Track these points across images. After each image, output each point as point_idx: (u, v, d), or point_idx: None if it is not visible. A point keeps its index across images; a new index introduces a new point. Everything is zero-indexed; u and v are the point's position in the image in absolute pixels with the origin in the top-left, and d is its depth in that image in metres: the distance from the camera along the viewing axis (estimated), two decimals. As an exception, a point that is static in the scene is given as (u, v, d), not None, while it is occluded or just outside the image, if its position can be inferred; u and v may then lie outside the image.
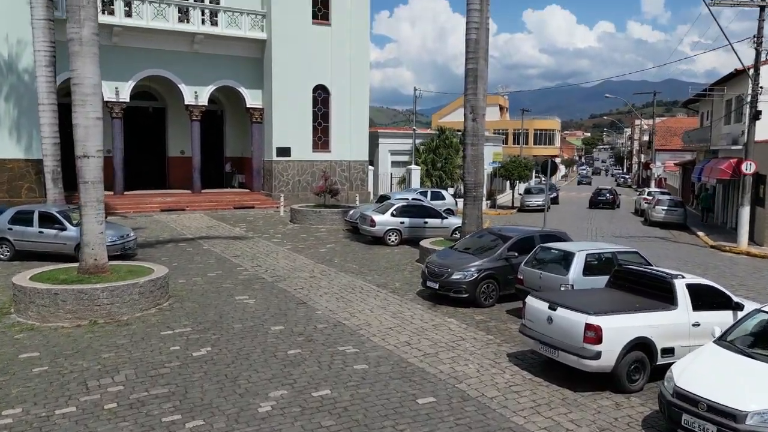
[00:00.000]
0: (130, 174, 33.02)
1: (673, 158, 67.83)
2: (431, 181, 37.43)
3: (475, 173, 17.85)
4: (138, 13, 29.04)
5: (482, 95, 17.70)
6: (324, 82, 33.29)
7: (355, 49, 33.72)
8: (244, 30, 31.65)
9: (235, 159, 36.53)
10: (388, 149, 39.97)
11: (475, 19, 17.41)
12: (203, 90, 31.65)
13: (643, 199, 37.70)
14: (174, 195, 31.60)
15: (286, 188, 32.67)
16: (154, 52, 30.11)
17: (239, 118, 35.52)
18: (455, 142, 39.19)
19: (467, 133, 17.87)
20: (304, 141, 33.00)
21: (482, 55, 17.54)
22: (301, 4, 32.03)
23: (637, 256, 12.62)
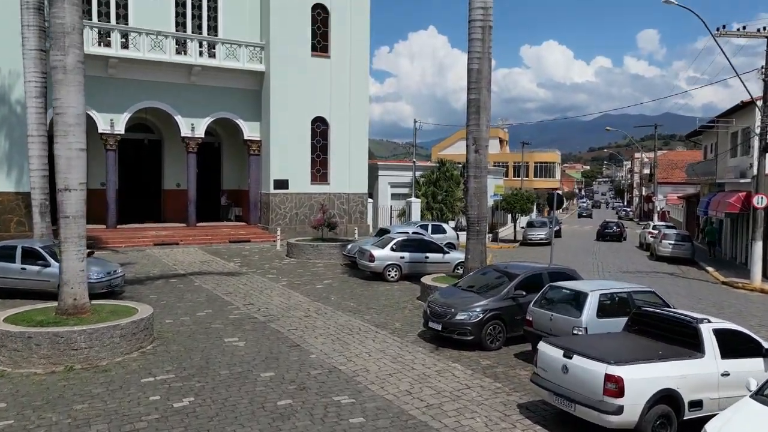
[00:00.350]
0: (125, 207, 32.39)
1: (675, 191, 67.38)
2: (432, 214, 36.73)
3: (478, 206, 17.12)
4: (135, 45, 28.70)
5: (485, 126, 17.08)
6: (323, 114, 32.84)
7: (355, 81, 33.37)
8: (243, 62, 31.31)
9: (232, 192, 35.89)
10: (387, 182, 39.38)
11: (477, 49, 16.90)
12: (200, 122, 31.16)
13: (648, 233, 36.92)
14: (168, 228, 30.85)
15: (283, 221, 31.95)
16: (151, 84, 29.70)
17: (236, 150, 35.02)
18: (456, 175, 38.64)
19: (470, 165, 17.20)
20: (302, 173, 32.40)
21: (485, 85, 16.98)
22: (300, 36, 31.77)
23: (654, 295, 11.81)
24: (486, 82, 17.02)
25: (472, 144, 17.08)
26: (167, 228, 31.04)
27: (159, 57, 29.20)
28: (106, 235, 28.06)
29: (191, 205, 31.44)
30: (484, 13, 16.87)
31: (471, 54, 17.01)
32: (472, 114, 17.06)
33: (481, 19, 16.86)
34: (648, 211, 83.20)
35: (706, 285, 23.38)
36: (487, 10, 16.90)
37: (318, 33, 32.58)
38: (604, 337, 9.61)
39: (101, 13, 29.34)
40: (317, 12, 32.41)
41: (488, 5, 16.91)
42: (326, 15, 32.65)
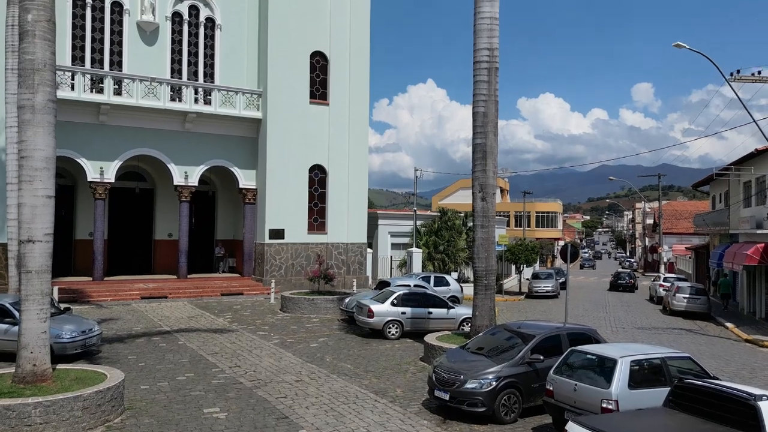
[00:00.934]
0: (113, 258, 31.14)
1: (681, 242, 66.19)
2: (433, 264, 35.37)
3: (486, 258, 15.83)
4: (128, 92, 27.93)
5: (492, 173, 15.96)
6: (321, 162, 31.88)
7: (354, 129, 32.56)
8: (239, 109, 30.53)
9: (227, 242, 34.61)
10: (387, 231, 38.18)
11: (483, 91, 15.94)
12: (194, 170, 30.15)
13: (659, 286, 35.45)
14: (157, 281, 29.43)
15: (278, 273, 30.56)
16: (143, 131, 28.81)
17: (231, 199, 33.94)
18: (458, 224, 37.46)
19: (476, 214, 16.00)
20: (298, 222, 31.20)
21: (491, 129, 15.95)
22: (298, 83, 31.11)
23: (691, 362, 10.42)
24: (492, 125, 16.00)
25: (479, 191, 15.93)
26: (156, 280, 29.63)
27: (153, 104, 28.41)
28: (91, 288, 26.64)
29: (182, 257, 30.11)
30: (489, 54, 15.99)
31: (476, 97, 16.05)
32: (478, 159, 15.97)
33: (486, 60, 15.97)
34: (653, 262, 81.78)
35: (728, 343, 21.84)
36: (493, 51, 16.03)
37: (317, 80, 31.94)
38: (645, 416, 8.18)
39: (95, 60, 28.71)
40: (316, 59, 31.85)
41: (494, 46, 16.04)
42: (325, 63, 32.08)
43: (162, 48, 29.98)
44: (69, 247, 30.28)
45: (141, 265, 32.21)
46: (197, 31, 31.04)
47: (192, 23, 30.90)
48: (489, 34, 15.97)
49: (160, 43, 29.91)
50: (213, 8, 31.12)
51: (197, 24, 31.00)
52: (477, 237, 15.96)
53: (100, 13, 28.76)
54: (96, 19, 28.72)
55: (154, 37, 29.78)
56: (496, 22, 16.13)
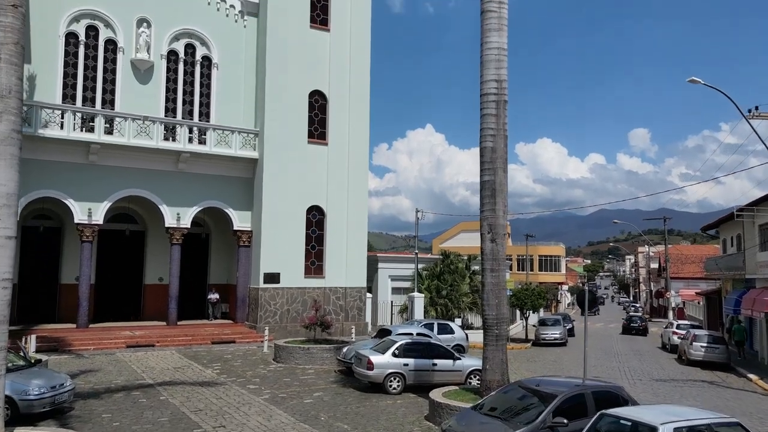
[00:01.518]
0: (101, 304, 29.74)
1: (688, 286, 64.70)
2: (436, 310, 33.87)
3: (496, 305, 14.49)
4: (119, 131, 26.99)
5: (502, 212, 14.77)
6: (319, 203, 30.76)
7: (354, 169, 31.54)
8: (235, 149, 29.57)
9: (220, 286, 33.11)
10: (388, 275, 36.83)
11: (491, 125, 14.89)
12: (186, 211, 28.99)
13: (673, 333, 33.85)
14: (145, 328, 27.91)
15: (273, 319, 29.05)
16: (135, 171, 27.77)
17: (225, 241, 32.68)
18: (461, 268, 36.13)
19: (485, 256, 14.74)
20: (295, 266, 29.86)
21: (500, 165, 14.83)
22: (296, 122, 30.24)
23: (741, 429, 9.01)
24: (502, 161, 14.89)
25: (488, 232, 14.70)
26: (144, 327, 28.11)
27: (145, 143, 27.44)
28: (74, 336, 25.13)
29: (172, 302, 28.68)
30: (497, 86, 15.00)
31: (484, 131, 14.98)
32: (487, 198, 14.80)
33: (494, 92, 14.97)
34: (659, 307, 79.99)
35: (755, 397, 20.26)
36: (501, 83, 15.05)
37: (316, 119, 31.09)
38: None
39: (86, 98, 27.87)
40: (315, 98, 31.07)
41: (502, 78, 15.07)
42: (324, 102, 31.30)
43: (156, 86, 29.20)
44: (54, 293, 28.86)
45: (129, 310, 30.72)
46: (193, 69, 30.35)
47: (188, 62, 30.22)
48: (497, 65, 15.03)
49: (155, 82, 29.15)
50: (210, 47, 30.50)
51: (193, 62, 30.33)
52: (486, 282, 14.66)
53: (94, 51, 28.07)
54: (89, 57, 28.02)
55: (149, 75, 29.04)
56: (504, 52, 15.21)
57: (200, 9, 30.29)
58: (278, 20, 30.12)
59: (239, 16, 31.18)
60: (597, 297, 24.93)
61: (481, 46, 15.36)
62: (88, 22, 27.84)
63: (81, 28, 27.69)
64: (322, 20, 31.43)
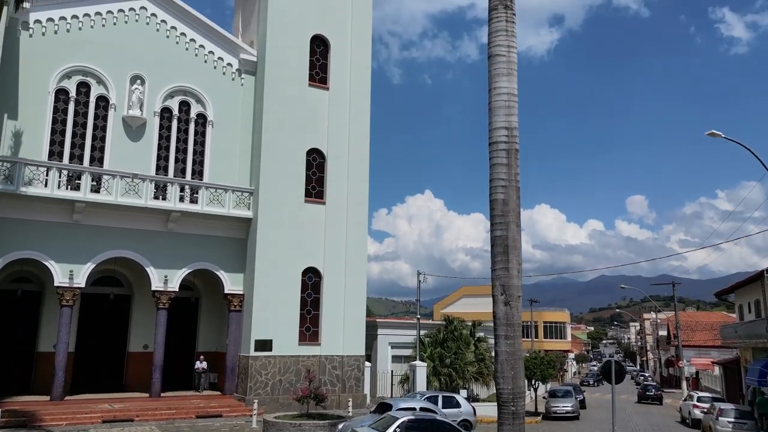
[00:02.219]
0: (80, 373, 27.82)
1: (699, 355, 62.36)
2: (439, 380, 31.75)
3: (512, 378, 12.74)
4: (107, 189, 25.78)
5: (516, 271, 13.25)
6: (316, 265, 29.19)
7: (352, 229, 30.15)
8: (228, 208, 28.27)
9: (210, 354, 31.05)
10: (388, 342, 34.88)
11: (502, 176, 13.59)
12: (175, 273, 27.40)
13: (694, 406, 31.58)
14: (126, 400, 25.81)
15: (263, 390, 26.95)
16: (121, 232, 26.35)
17: (216, 306, 30.90)
18: (465, 334, 34.26)
19: (498, 321, 13.11)
20: (289, 332, 27.99)
21: (513, 219, 13.42)
22: (293, 181, 29.07)
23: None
24: (514, 215, 13.49)
25: (501, 294, 13.13)
26: (125, 399, 26.02)
27: (134, 201, 26.17)
28: (46, 409, 23.08)
29: (156, 372, 26.66)
30: (508, 134, 13.78)
31: (494, 182, 13.65)
32: (499, 255, 13.30)
33: (505, 140, 13.74)
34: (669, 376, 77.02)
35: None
36: (512, 130, 13.84)
37: (313, 178, 29.97)
38: None
39: (74, 156, 26.79)
40: (313, 157, 30.05)
41: (512, 125, 13.87)
42: (322, 160, 30.28)
43: (148, 144, 28.18)
44: (30, 361, 26.89)
45: (111, 380, 28.61)
46: (187, 127, 29.43)
47: (182, 119, 29.34)
48: (507, 112, 13.86)
49: (146, 139, 28.17)
50: (205, 104, 29.70)
51: (187, 120, 29.45)
52: (500, 351, 12.96)
53: (84, 108, 27.20)
54: (79, 113, 27.12)
55: (141, 132, 28.09)
56: (515, 98, 14.07)
57: (196, 67, 29.68)
58: (276, 78, 29.46)
59: (236, 75, 30.56)
60: (624, 368, 22.80)
61: (489, 93, 14.24)
62: (79, 78, 27.10)
63: (72, 84, 26.91)
64: (321, 78, 30.82)
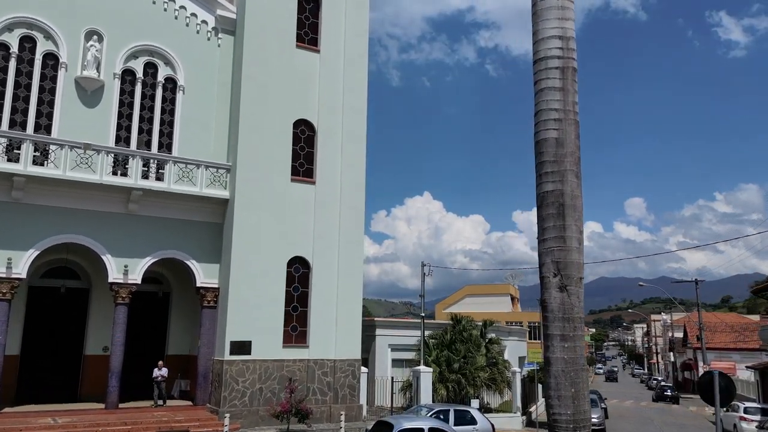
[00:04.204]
0: (26, 381, 23.59)
1: (720, 358, 58.32)
2: (446, 388, 27.61)
3: (574, 398, 8.63)
4: (54, 161, 21.65)
5: (577, 241, 9.14)
6: (304, 254, 25.05)
7: (347, 213, 26.00)
8: (200, 186, 24.11)
9: (182, 358, 26.90)
10: (387, 343, 30.81)
11: (554, 105, 9.49)
12: (137, 263, 23.25)
13: (740, 418, 27.41)
14: (76, 413, 21.64)
15: (240, 401, 22.76)
16: (71, 213, 22.22)
17: (190, 302, 26.66)
18: (475, 335, 30.15)
19: (551, 315, 8.99)
20: (271, 332, 23.82)
21: (571, 166, 9.32)
22: (277, 157, 24.92)
23: None
24: (573, 161, 9.37)
25: (553, 274, 9.02)
26: (76, 411, 21.85)
27: (86, 177, 22.01)
28: (-28, 425, 18.91)
29: (113, 378, 22.51)
30: (562, 45, 9.68)
31: (542, 114, 9.55)
32: (550, 219, 9.19)
33: (558, 55, 9.64)
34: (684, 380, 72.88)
35: None
36: (567, 41, 9.72)
37: (301, 154, 25.81)
38: None
39: (15, 122, 22.66)
40: (300, 129, 25.90)
41: (568, 34, 9.75)
42: (312, 134, 26.13)
43: (106, 111, 24.00)
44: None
45: (64, 389, 24.44)
46: (153, 93, 25.25)
47: (147, 83, 25.17)
48: (560, 15, 9.76)
49: (104, 105, 23.99)
50: (175, 67, 25.54)
51: (154, 85, 25.28)
52: (554, 358, 8.85)
53: (28, 67, 23.06)
54: (22, 72, 22.99)
55: (97, 97, 23.91)
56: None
57: (165, 24, 25.51)
58: (258, 37, 25.31)
59: (212, 34, 26.41)
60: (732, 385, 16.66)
61: (531, -6, 10.16)
62: (23, 32, 22.95)
63: (14, 38, 22.77)
64: (311, 39, 26.67)
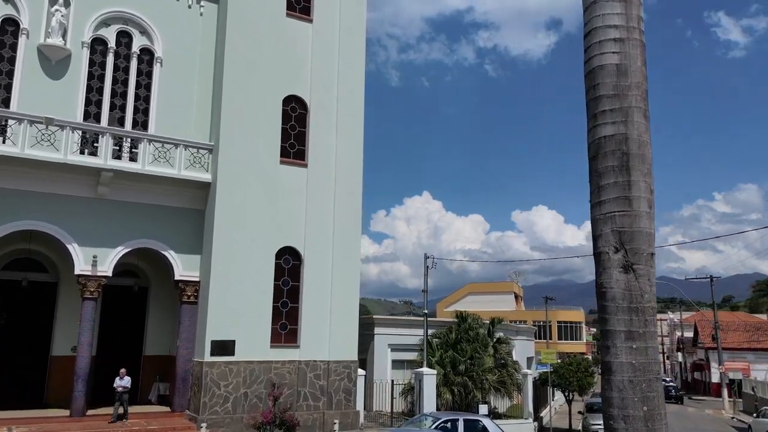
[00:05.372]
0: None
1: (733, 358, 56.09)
2: (452, 391, 25.19)
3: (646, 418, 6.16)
4: (12, 138, 19.21)
5: (645, 202, 6.68)
6: (294, 245, 22.63)
7: (342, 199, 23.59)
8: (178, 169, 21.67)
9: (161, 359, 24.44)
10: (387, 343, 28.45)
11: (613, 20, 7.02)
12: (108, 254, 20.83)
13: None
14: (36, 420, 19.21)
15: (222, 407, 20.33)
16: (32, 197, 19.80)
17: (170, 298, 24.17)
18: (482, 334, 27.76)
19: (612, 306, 6.53)
20: (257, 331, 21.39)
21: (637, 102, 6.84)
22: (264, 136, 22.50)
23: None
24: (639, 95, 6.89)
25: (615, 248, 6.55)
26: (36, 419, 19.41)
27: (48, 155, 19.56)
28: None
29: (79, 383, 20.11)
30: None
31: (595, 33, 7.07)
32: (609, 174, 6.72)
33: (615, -46, 7.19)
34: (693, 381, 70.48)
35: None
36: (628, -63, 7.28)
37: (292, 134, 23.39)
38: None
39: (-32, 93, 20.26)
40: (291, 107, 23.48)
41: (629, -72, 7.31)
42: (304, 111, 23.70)
43: (73, 84, 21.56)
44: None
45: (30, 393, 22.01)
46: (127, 65, 22.80)
47: (120, 54, 22.71)
48: None
49: (71, 77, 21.54)
50: (152, 37, 23.09)
51: (128, 56, 22.81)
52: (617, 363, 6.36)
53: (-16, 32, 20.66)
54: (-24, 39, 20.60)
55: (63, 68, 21.46)
56: None
57: (141, -12, 23.13)
58: (244, 5, 22.90)
59: (194, 1, 23.96)
60: None
61: None
62: (-22, -7, 20.59)
63: (-33, 1, 20.39)
64: (303, 8, 24.24)
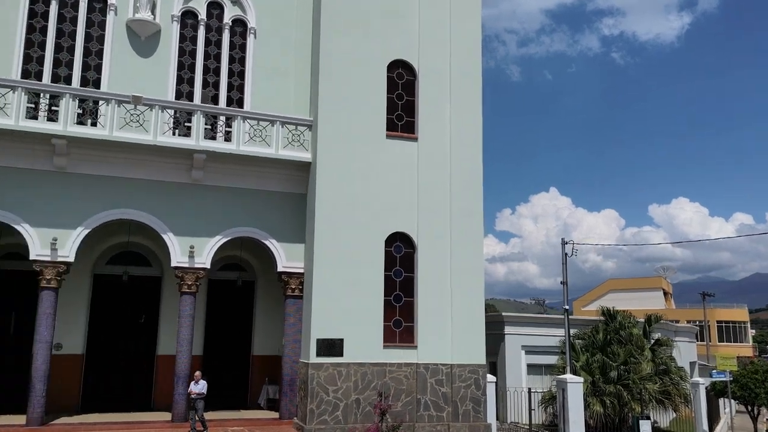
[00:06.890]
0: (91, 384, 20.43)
1: None
2: (602, 403, 20.93)
3: None
4: (100, 120, 17.84)
5: None
6: (406, 230, 19.59)
7: (459, 177, 20.22)
8: (276, 148, 19.43)
9: (271, 359, 22.39)
10: (520, 345, 24.68)
11: None
12: (205, 243, 19.02)
13: None
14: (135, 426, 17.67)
15: (332, 416, 17.70)
16: (123, 183, 18.38)
17: (277, 292, 22.11)
18: (636, 335, 23.20)
19: None
20: (368, 328, 18.58)
21: None
22: (368, 108, 19.71)
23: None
24: None
25: None
26: (136, 424, 17.90)
27: (136, 137, 18.02)
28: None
29: (179, 385, 18.38)
30: None
31: None
32: None
33: None
34: None
35: None
36: None
37: (399, 103, 20.43)
38: None
39: (58, 76, 19.21)
40: (397, 73, 20.53)
41: None
42: (412, 78, 20.66)
43: (163, 61, 20.08)
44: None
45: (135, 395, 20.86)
46: (219, 38, 21.03)
47: (212, 27, 20.99)
48: None
49: (161, 54, 20.08)
50: (244, 6, 21.16)
51: (220, 28, 21.04)
52: None
53: (72, 12, 19.62)
54: (65, 18, 19.58)
55: (153, 44, 20.04)
56: None
57: (232, -46, 21.26)
58: (342, -39, 20.29)
59: (288, -36, 21.80)
60: None
61: None
62: (64, -29, 19.59)
63: (54, -20, 19.44)
64: (408, -40, 21.22)
